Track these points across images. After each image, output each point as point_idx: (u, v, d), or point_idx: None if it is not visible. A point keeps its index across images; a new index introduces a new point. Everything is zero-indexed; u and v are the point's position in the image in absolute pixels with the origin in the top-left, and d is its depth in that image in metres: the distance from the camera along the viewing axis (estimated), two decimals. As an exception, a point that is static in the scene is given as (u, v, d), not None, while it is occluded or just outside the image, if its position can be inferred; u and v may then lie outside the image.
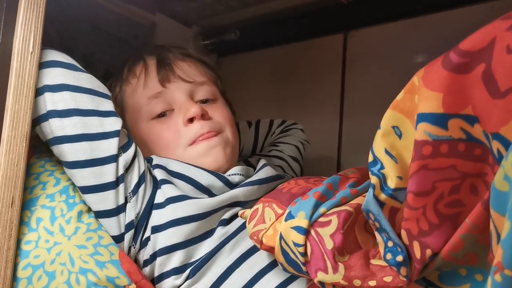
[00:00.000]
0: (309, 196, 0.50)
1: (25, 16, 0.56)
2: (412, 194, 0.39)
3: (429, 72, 0.38)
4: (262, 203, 0.55)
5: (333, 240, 0.45)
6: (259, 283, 0.56)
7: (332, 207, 0.48)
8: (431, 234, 0.39)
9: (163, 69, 0.74)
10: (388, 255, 0.43)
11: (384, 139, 0.43)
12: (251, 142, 0.93)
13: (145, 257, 0.63)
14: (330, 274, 0.45)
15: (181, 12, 1.17)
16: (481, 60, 0.35)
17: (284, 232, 0.48)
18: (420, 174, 0.38)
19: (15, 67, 0.55)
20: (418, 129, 0.37)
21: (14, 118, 0.55)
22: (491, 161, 0.36)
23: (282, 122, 0.96)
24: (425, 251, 0.40)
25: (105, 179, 0.61)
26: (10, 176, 0.55)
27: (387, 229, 0.43)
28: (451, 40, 0.99)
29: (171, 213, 0.61)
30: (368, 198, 0.43)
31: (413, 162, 0.38)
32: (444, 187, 0.38)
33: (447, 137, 0.37)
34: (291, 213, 0.49)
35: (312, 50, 1.17)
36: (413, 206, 0.39)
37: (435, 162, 0.37)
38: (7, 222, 0.55)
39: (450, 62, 0.36)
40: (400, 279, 0.42)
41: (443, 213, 0.39)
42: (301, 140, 0.93)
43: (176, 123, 0.71)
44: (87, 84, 0.63)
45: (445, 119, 0.36)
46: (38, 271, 0.56)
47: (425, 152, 0.37)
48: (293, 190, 0.55)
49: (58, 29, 0.94)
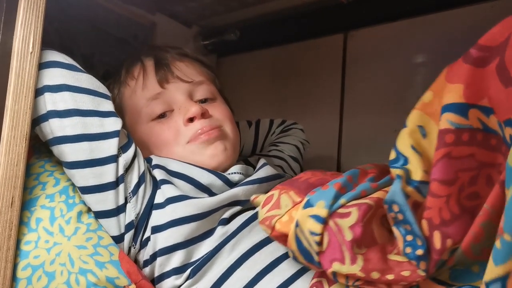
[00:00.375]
0: (329, 187, 0.49)
1: (25, 16, 0.56)
2: (436, 182, 0.40)
3: (451, 69, 0.42)
4: (278, 190, 0.55)
5: (352, 231, 0.45)
6: (260, 283, 0.56)
7: (352, 199, 0.48)
8: (453, 224, 0.40)
9: (161, 70, 0.73)
10: (407, 249, 0.44)
11: (411, 136, 0.44)
12: (251, 142, 0.93)
13: (145, 257, 0.63)
14: (347, 265, 0.44)
15: (181, 12, 1.17)
16: (497, 54, 0.38)
17: (300, 220, 0.48)
18: (444, 161, 0.40)
19: (15, 67, 0.55)
20: (442, 119, 0.40)
21: (14, 118, 0.55)
22: (504, 150, 0.38)
23: (282, 122, 0.97)
24: (446, 241, 0.40)
25: (105, 180, 0.61)
26: (9, 176, 0.55)
27: (411, 221, 0.43)
28: (451, 40, 1.00)
29: (170, 213, 0.61)
30: (395, 189, 0.44)
31: (437, 151, 0.40)
32: (464, 178, 0.40)
33: (468, 126, 0.39)
34: (309, 202, 0.49)
35: (312, 50, 1.17)
36: (437, 194, 0.40)
37: (457, 150, 0.40)
38: (6, 222, 0.55)
39: (470, 56, 0.40)
40: (418, 274, 0.42)
41: (464, 204, 0.40)
42: (301, 140, 0.93)
43: (177, 123, 0.71)
44: (87, 85, 0.63)
45: (466, 108, 0.39)
46: (37, 271, 0.56)
47: (448, 139, 0.40)
48: (310, 180, 0.55)
49: (57, 29, 0.94)
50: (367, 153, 1.04)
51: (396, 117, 1.02)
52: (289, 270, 0.55)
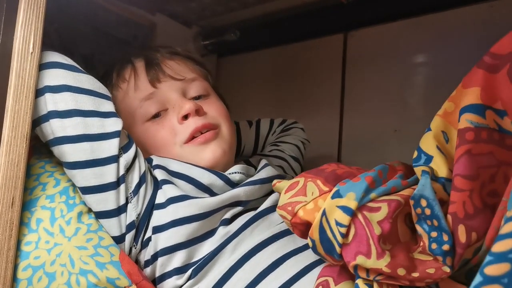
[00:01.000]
0: (361, 179, 0.49)
1: (25, 16, 0.56)
2: (459, 176, 0.42)
3: (467, 76, 0.44)
4: (303, 177, 0.55)
5: (381, 226, 0.45)
6: (261, 283, 0.55)
7: (382, 195, 0.48)
8: (476, 217, 0.42)
9: (152, 70, 0.73)
10: (433, 245, 0.44)
11: (436, 138, 0.47)
12: (252, 142, 0.93)
13: (146, 258, 0.63)
14: (373, 259, 0.44)
15: (181, 12, 1.17)
16: (508, 61, 0.41)
17: (328, 209, 0.48)
18: (465, 157, 0.42)
19: (15, 68, 0.55)
20: (461, 120, 0.43)
21: (14, 119, 0.55)
22: None
23: (282, 121, 0.96)
24: (471, 234, 0.41)
25: (106, 180, 0.61)
26: (10, 176, 0.55)
27: (439, 215, 0.43)
28: (451, 39, 1.00)
29: (172, 213, 0.61)
30: (424, 183, 0.44)
31: (458, 148, 0.42)
32: (485, 174, 0.42)
33: (486, 125, 0.42)
34: (339, 192, 0.49)
35: (312, 50, 1.17)
36: (461, 188, 0.42)
37: (477, 147, 0.42)
38: (7, 223, 0.55)
39: (483, 63, 0.43)
40: (443, 271, 0.43)
41: (485, 201, 0.42)
42: (302, 139, 0.93)
43: (171, 122, 0.70)
44: (87, 85, 0.63)
45: (483, 109, 0.42)
46: (38, 272, 0.56)
47: (468, 137, 0.42)
48: (338, 172, 0.55)
49: (58, 30, 0.94)
50: (367, 153, 1.05)
51: (396, 117, 1.02)
52: (291, 271, 0.55)
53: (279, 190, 0.56)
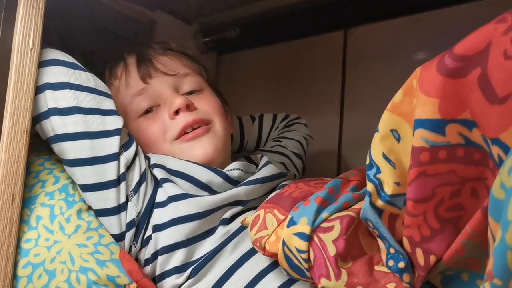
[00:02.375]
0: (310, 201, 0.49)
1: (25, 12, 0.55)
2: (411, 201, 0.38)
3: (424, 76, 0.37)
4: (263, 209, 0.55)
5: (335, 246, 0.45)
6: (261, 283, 0.55)
7: (334, 212, 0.47)
8: (434, 239, 0.39)
9: (143, 66, 0.72)
10: (390, 262, 0.43)
11: (383, 142, 0.42)
12: (255, 137, 0.92)
13: (146, 256, 0.62)
14: (332, 281, 0.44)
15: (181, 9, 1.17)
16: (476, 64, 0.34)
17: (286, 239, 0.48)
18: (419, 181, 0.37)
19: (15, 64, 0.55)
20: (415, 135, 0.37)
21: (14, 115, 0.55)
22: (492, 165, 0.35)
23: (285, 117, 0.96)
24: (429, 257, 0.39)
25: (106, 177, 0.61)
26: (10, 173, 0.55)
27: (387, 237, 0.43)
28: (451, 37, 0.99)
29: (172, 212, 0.61)
30: (365, 206, 0.43)
31: (411, 169, 0.37)
32: (444, 192, 0.38)
33: (445, 143, 0.36)
34: (293, 219, 0.49)
35: (312, 47, 1.17)
36: (413, 213, 0.39)
37: (434, 168, 0.37)
38: (7, 220, 0.54)
39: (444, 67, 0.35)
40: (403, 286, 0.42)
41: (444, 217, 0.39)
42: (305, 135, 0.92)
43: (162, 117, 0.70)
44: (88, 83, 0.63)
45: (442, 125, 0.36)
46: (38, 269, 0.56)
47: (423, 158, 0.37)
48: (294, 194, 0.55)
49: (57, 27, 0.94)
50: (367, 150, 1.04)
51: (397, 115, 1.02)
52: None
53: (246, 226, 0.57)
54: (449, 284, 0.42)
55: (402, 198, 0.41)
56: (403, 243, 0.42)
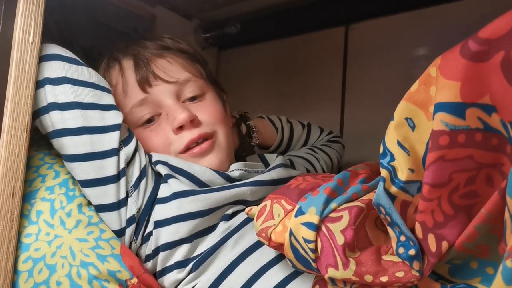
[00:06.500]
0: (319, 192, 0.49)
1: (25, 6, 0.55)
2: (428, 185, 0.38)
3: (446, 61, 0.37)
4: (270, 200, 0.55)
5: (344, 235, 0.45)
6: (262, 277, 0.55)
7: (343, 203, 0.48)
8: (446, 225, 0.39)
9: (141, 72, 0.68)
10: (400, 249, 0.43)
11: (397, 130, 0.42)
12: (300, 144, 0.92)
13: (147, 252, 0.62)
14: (340, 270, 0.44)
15: (181, 5, 1.17)
16: (500, 47, 0.34)
17: (294, 228, 0.48)
18: (437, 165, 0.37)
19: (16, 57, 0.55)
20: (436, 119, 0.37)
21: (15, 109, 0.55)
22: (509, 150, 0.36)
23: (330, 132, 0.95)
24: (441, 244, 0.39)
25: (106, 173, 0.60)
26: (11, 167, 0.54)
27: (399, 223, 0.42)
28: (452, 32, 0.99)
29: (176, 208, 0.60)
30: (378, 192, 0.43)
31: (430, 153, 0.38)
32: (460, 178, 0.38)
33: (465, 127, 0.36)
34: (301, 209, 0.48)
35: (313, 43, 1.17)
36: (429, 197, 0.39)
37: (452, 153, 0.37)
38: (8, 214, 0.54)
39: (468, 50, 0.35)
40: (412, 274, 0.42)
41: (458, 204, 0.39)
42: (339, 157, 0.92)
43: (165, 131, 0.68)
44: (88, 78, 0.62)
45: (463, 108, 0.36)
46: (39, 264, 0.55)
47: (442, 142, 0.37)
48: (301, 186, 0.55)
49: (57, 22, 0.93)
50: (369, 146, 1.04)
51: (398, 110, 1.02)
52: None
53: (252, 217, 0.56)
54: (457, 273, 0.42)
55: (416, 185, 0.41)
56: (414, 231, 0.42)
